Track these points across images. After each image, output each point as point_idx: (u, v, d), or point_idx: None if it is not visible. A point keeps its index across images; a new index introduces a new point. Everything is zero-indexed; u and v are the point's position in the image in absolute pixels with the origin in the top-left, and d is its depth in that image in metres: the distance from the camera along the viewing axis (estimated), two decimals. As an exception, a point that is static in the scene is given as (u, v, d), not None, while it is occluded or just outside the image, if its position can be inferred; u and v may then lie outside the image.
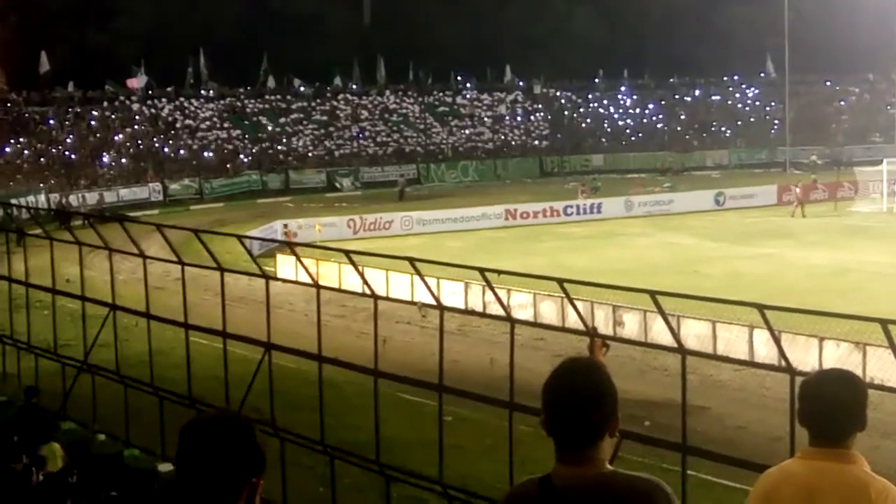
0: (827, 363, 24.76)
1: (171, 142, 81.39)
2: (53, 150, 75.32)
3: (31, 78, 79.41)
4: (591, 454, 3.85)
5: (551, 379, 3.92)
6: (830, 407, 4.71)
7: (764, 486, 4.86)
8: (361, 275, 20.04)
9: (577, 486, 3.81)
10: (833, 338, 25.61)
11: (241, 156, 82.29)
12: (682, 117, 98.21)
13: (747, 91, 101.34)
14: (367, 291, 19.66)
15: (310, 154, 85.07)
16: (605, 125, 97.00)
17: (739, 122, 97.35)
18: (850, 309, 18.00)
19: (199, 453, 3.58)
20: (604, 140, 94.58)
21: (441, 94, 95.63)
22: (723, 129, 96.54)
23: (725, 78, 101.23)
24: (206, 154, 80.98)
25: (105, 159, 76.23)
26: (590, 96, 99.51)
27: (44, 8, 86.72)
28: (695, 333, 26.94)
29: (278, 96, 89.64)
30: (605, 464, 3.88)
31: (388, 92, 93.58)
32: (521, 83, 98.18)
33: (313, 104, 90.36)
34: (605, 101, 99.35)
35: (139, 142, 79.66)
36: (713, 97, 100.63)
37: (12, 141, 74.84)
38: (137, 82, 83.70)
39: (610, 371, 4.01)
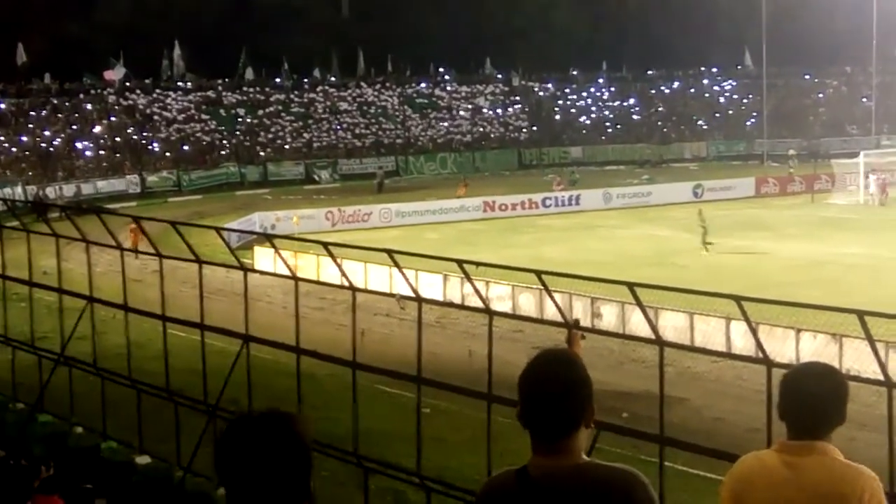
0: (804, 354, 24.86)
1: (148, 134, 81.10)
2: (30, 142, 74.92)
3: (7, 69, 78.97)
4: (568, 445, 3.85)
5: (527, 370, 3.93)
6: (812, 402, 4.70)
7: (739, 474, 4.85)
8: (340, 267, 20.02)
9: (554, 477, 3.82)
10: (810, 329, 25.75)
11: (219, 148, 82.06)
12: (661, 110, 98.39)
13: (725, 84, 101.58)
14: (346, 284, 19.63)
15: (288, 146, 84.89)
16: (584, 117, 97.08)
17: (717, 115, 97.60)
18: (827, 301, 18.04)
19: (254, 462, 3.36)
20: (582, 132, 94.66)
21: (420, 86, 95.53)
22: (701, 121, 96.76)
23: (703, 68, 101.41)
24: (183, 146, 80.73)
25: (82, 151, 75.87)
26: (568, 89, 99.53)
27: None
28: (673, 325, 27.03)
29: (256, 88, 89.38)
30: (582, 454, 3.89)
31: (366, 84, 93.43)
32: (499, 75, 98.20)
33: (291, 96, 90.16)
34: (584, 94, 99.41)
35: (116, 134, 79.35)
36: (691, 90, 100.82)
37: (-11, 133, 74.52)
38: (115, 74, 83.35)
39: (588, 363, 4.02)
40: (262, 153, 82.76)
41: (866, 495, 4.58)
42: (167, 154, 78.79)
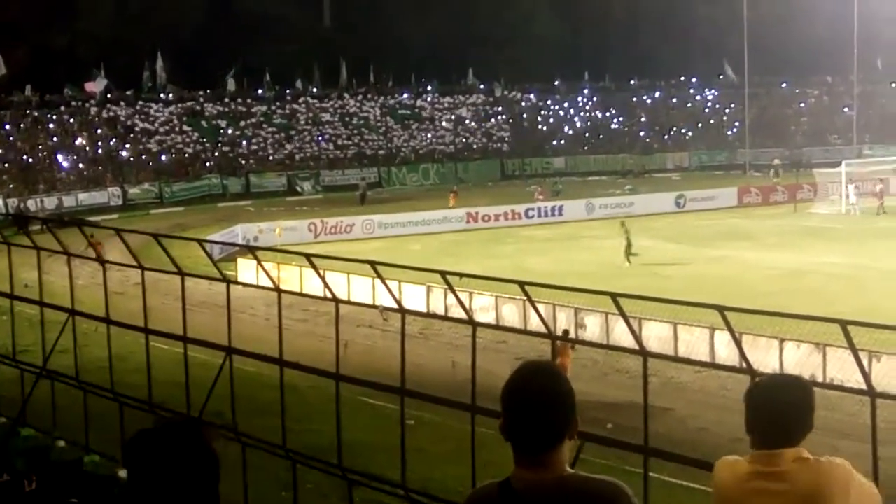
0: (787, 364, 24.94)
1: (130, 145, 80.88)
2: (11, 155, 74.68)
3: (-13, 81, 78.75)
4: (552, 457, 3.82)
5: (511, 383, 3.89)
6: (782, 411, 4.68)
7: (717, 491, 4.82)
8: (323, 278, 19.99)
9: (538, 489, 3.79)
10: (793, 339, 25.78)
11: (202, 160, 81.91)
12: (643, 119, 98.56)
13: (707, 93, 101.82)
14: (329, 295, 19.62)
15: (270, 157, 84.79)
16: (566, 128, 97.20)
17: (700, 125, 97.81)
18: (810, 310, 18.08)
19: (156, 465, 3.42)
20: (565, 142, 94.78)
21: (402, 96, 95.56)
22: (683, 131, 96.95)
23: (684, 78, 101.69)
24: (165, 158, 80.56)
25: (64, 163, 75.66)
26: (550, 99, 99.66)
27: (0, 10, 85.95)
28: (656, 335, 27.02)
29: (238, 99, 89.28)
30: (565, 466, 3.86)
31: (348, 95, 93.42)
32: (482, 86, 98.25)
33: (273, 107, 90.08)
34: (566, 104, 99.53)
35: (98, 145, 79.13)
36: (673, 99, 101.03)
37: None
38: (96, 86, 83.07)
39: (572, 374, 4.00)
40: (244, 164, 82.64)
41: (846, 486, 4.59)
42: (149, 165, 78.60)
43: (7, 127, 77.63)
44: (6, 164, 73.17)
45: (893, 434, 19.53)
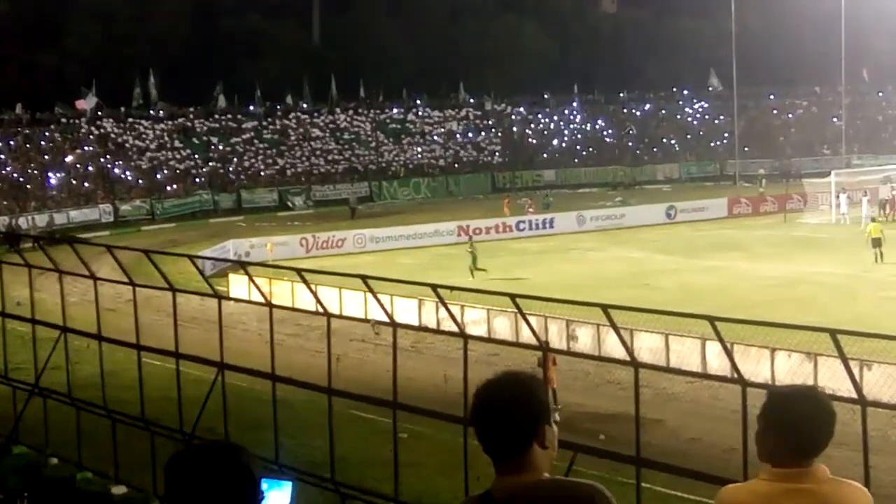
0: (778, 374, 24.96)
1: (120, 162, 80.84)
2: (2, 173, 74.59)
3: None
4: (525, 463, 3.87)
5: (475, 393, 3.99)
6: (809, 425, 4.50)
7: None
8: (314, 293, 20.03)
9: (516, 495, 3.83)
10: (784, 349, 25.82)
11: (193, 176, 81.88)
12: (632, 132, 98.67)
13: (696, 105, 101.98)
14: (321, 310, 19.65)
15: (261, 173, 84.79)
16: (556, 140, 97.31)
17: (689, 136, 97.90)
18: (801, 320, 18.17)
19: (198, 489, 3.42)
20: (555, 155, 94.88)
21: (392, 111, 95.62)
22: (672, 142, 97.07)
23: (675, 89, 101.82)
24: (156, 174, 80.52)
25: (54, 181, 75.58)
26: (540, 112, 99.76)
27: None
28: (648, 346, 27.04)
29: (229, 115, 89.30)
30: (543, 472, 3.91)
31: (338, 110, 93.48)
32: (472, 100, 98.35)
33: (264, 123, 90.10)
34: (556, 117, 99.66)
35: (89, 163, 79.07)
36: (663, 111, 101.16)
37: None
38: (87, 103, 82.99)
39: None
40: (235, 180, 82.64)
41: None
42: (140, 182, 78.56)
43: (0, 145, 77.60)
44: (-3, 182, 73.09)
45: (884, 442, 19.62)
